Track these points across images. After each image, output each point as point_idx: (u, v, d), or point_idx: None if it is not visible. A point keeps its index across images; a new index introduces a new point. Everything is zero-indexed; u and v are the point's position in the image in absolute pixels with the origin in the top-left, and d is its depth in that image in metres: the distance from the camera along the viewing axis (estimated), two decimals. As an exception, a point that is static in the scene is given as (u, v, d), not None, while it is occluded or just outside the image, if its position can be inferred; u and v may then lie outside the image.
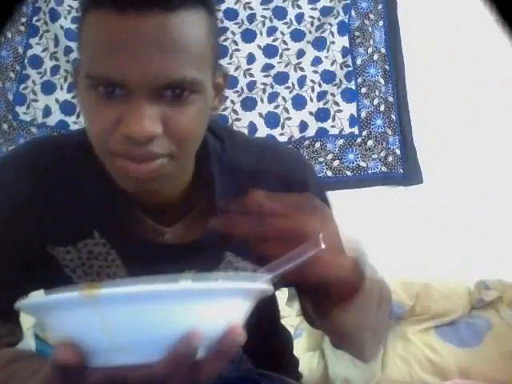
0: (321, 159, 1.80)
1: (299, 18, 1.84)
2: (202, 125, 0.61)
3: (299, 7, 1.84)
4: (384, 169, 1.81)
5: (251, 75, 1.81)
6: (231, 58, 1.81)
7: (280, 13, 1.84)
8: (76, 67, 0.62)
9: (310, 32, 1.83)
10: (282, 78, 1.80)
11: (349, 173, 1.80)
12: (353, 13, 1.85)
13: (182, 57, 0.54)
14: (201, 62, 0.57)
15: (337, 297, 0.55)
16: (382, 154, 1.81)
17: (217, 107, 0.66)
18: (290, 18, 1.84)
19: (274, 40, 1.83)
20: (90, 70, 0.55)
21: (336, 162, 1.80)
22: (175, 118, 0.56)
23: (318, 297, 0.58)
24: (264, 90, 1.80)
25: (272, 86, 1.81)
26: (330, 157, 1.80)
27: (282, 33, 1.83)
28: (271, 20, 1.84)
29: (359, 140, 1.82)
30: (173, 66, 0.54)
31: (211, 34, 0.59)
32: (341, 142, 1.81)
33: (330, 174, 1.79)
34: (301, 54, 1.82)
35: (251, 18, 1.83)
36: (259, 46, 1.82)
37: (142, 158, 0.56)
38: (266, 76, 1.81)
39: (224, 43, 1.80)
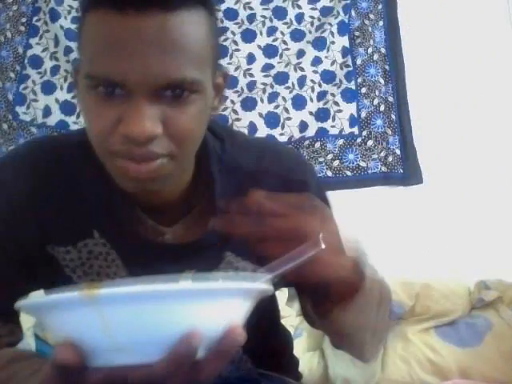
0: (321, 159, 1.80)
1: (299, 17, 1.84)
2: (202, 125, 0.61)
3: (299, 7, 1.84)
4: (384, 169, 1.81)
5: (251, 75, 1.81)
6: (231, 57, 1.81)
7: (280, 13, 1.84)
8: (76, 67, 0.62)
9: (310, 32, 1.83)
10: (282, 78, 1.81)
11: (349, 173, 1.80)
12: (353, 13, 1.84)
13: (182, 57, 0.54)
14: (201, 62, 0.56)
15: (337, 297, 0.56)
16: (382, 154, 1.81)
17: (217, 107, 0.66)
18: (290, 17, 1.84)
19: (274, 40, 1.83)
20: (90, 69, 0.55)
21: (336, 162, 1.81)
22: (175, 118, 0.56)
23: (318, 297, 0.58)
24: (264, 90, 1.80)
25: (272, 86, 1.81)
26: (330, 157, 1.80)
27: (282, 33, 1.83)
28: (271, 20, 1.84)
29: (359, 140, 1.82)
30: (173, 65, 0.54)
31: (211, 33, 0.58)
32: (341, 141, 1.81)
33: (330, 173, 1.79)
34: (301, 53, 1.82)
35: (251, 17, 1.84)
36: (259, 46, 1.82)
37: (141, 157, 0.56)
38: (265, 76, 1.81)
39: (224, 43, 1.80)
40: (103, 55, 0.54)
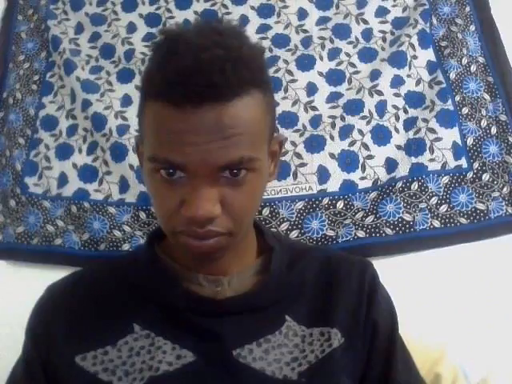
0: (422, 205, 1.33)
1: (367, 34, 1.47)
2: (258, 200, 0.67)
3: (365, 22, 1.48)
4: (511, 210, 1.32)
5: (314, 108, 1.40)
6: (286, 91, 1.42)
7: (342, 31, 1.47)
8: (137, 141, 0.74)
9: (383, 49, 1.45)
10: (355, 107, 1.40)
11: (463, 220, 1.33)
12: (434, 20, 1.47)
13: (239, 140, 0.58)
14: (257, 141, 0.61)
15: None
16: (505, 190, 1.34)
17: (272, 173, 0.72)
18: (356, 35, 1.47)
19: (339, 63, 1.44)
20: (154, 153, 0.61)
21: (443, 207, 1.34)
22: (233, 198, 0.61)
23: None
24: (333, 125, 1.39)
25: (343, 118, 1.40)
26: (434, 200, 1.33)
27: (348, 54, 1.46)
28: (332, 41, 1.47)
29: (470, 175, 1.36)
30: (230, 149, 0.58)
31: (267, 111, 0.63)
32: (446, 179, 1.35)
33: (437, 224, 1.32)
34: (375, 74, 1.42)
35: (306, 41, 1.47)
36: (320, 73, 1.44)
37: (202, 236, 0.63)
38: (333, 107, 1.41)
39: (276, 75, 1.43)
40: (164, 144, 0.60)
